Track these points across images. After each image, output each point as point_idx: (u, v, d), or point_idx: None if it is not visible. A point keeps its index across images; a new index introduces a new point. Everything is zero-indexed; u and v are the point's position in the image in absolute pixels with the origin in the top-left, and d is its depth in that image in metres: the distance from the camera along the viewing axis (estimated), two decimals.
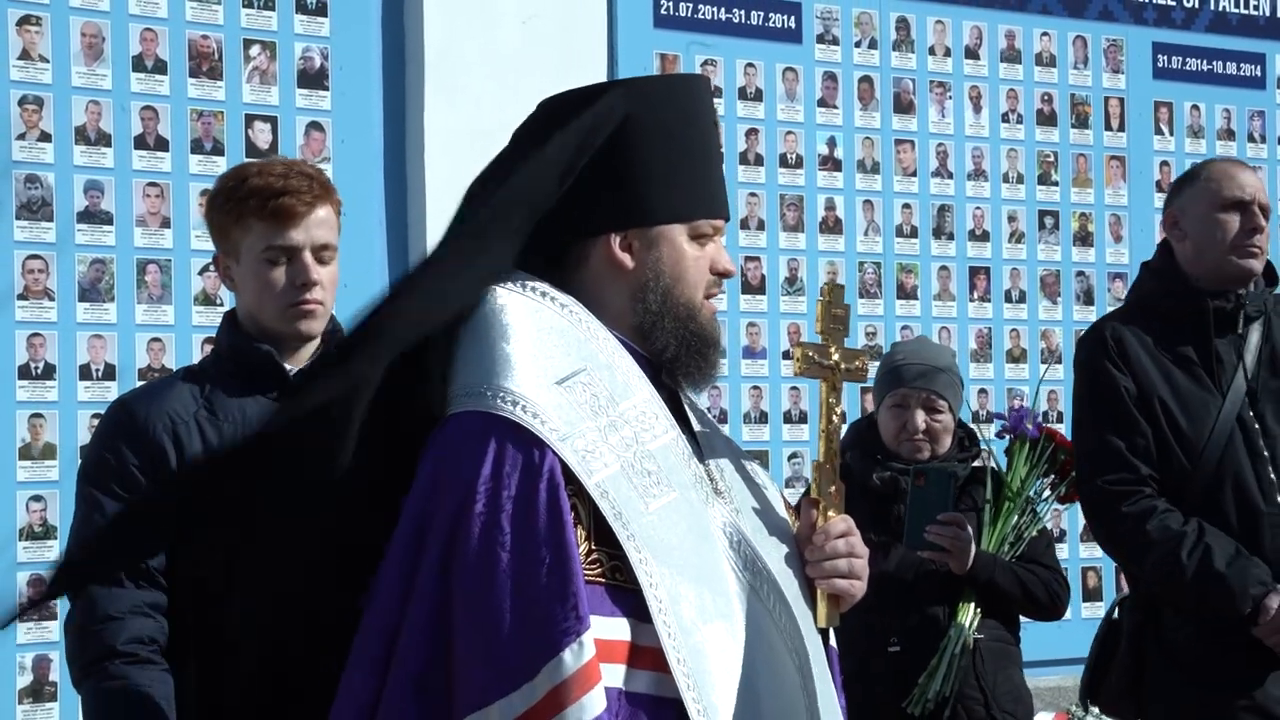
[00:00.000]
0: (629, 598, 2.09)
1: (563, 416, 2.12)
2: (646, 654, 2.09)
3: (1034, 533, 4.12)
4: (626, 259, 2.24)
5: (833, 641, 2.35)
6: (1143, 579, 3.72)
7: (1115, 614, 3.86)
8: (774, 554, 2.25)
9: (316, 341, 2.83)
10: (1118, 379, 3.66)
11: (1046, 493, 4.17)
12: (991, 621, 4.05)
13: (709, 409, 5.74)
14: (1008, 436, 4.21)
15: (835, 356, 2.39)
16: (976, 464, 4.19)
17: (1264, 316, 3.76)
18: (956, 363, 4.36)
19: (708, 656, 2.09)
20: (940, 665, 3.93)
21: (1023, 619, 4.20)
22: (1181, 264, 3.75)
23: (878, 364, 4.39)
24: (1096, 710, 5.79)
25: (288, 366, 2.79)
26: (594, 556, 2.10)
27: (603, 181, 2.23)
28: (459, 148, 5.28)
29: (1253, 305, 3.73)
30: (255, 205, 2.76)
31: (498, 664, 2.03)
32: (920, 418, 4.10)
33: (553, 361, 2.17)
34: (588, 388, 2.16)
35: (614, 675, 2.07)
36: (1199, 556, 3.54)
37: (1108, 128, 6.56)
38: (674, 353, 2.24)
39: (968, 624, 3.98)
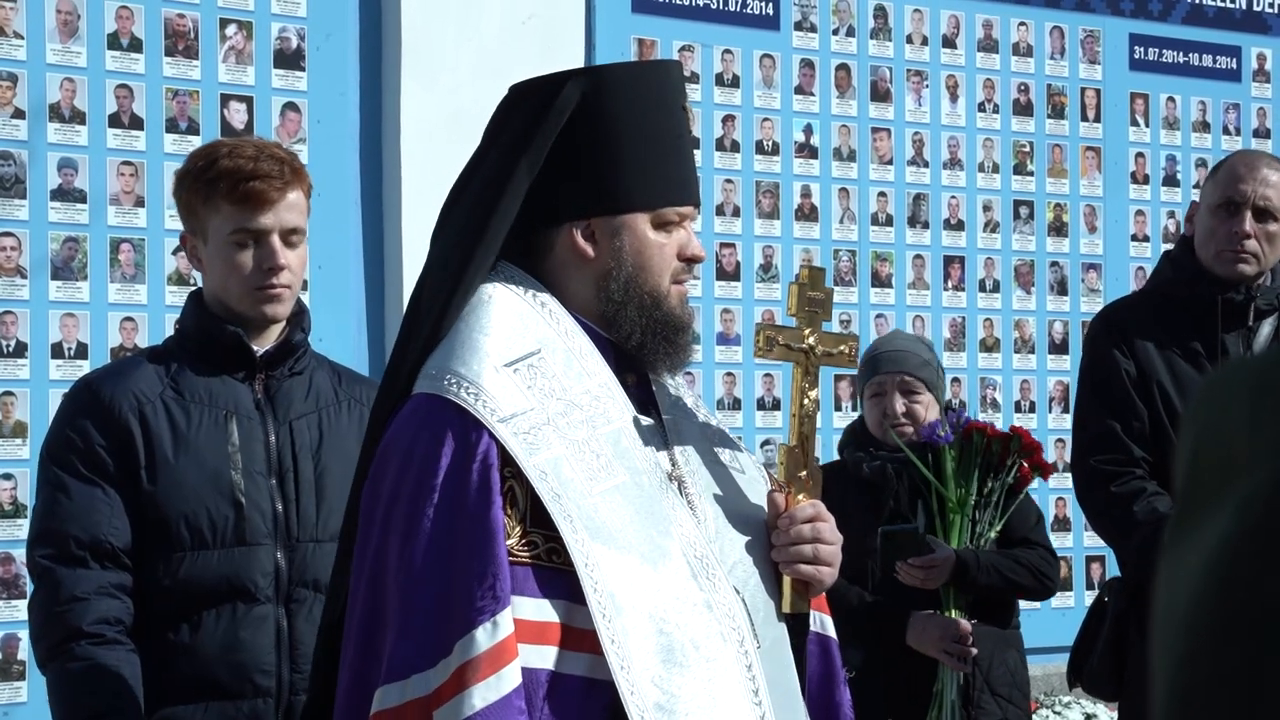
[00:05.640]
0: (566, 580, 2.10)
1: (508, 399, 2.14)
2: (582, 636, 2.10)
3: (993, 534, 4.09)
4: (588, 248, 2.25)
5: (830, 631, 2.35)
6: (1127, 559, 3.75)
7: (1105, 597, 3.88)
8: (735, 540, 2.25)
9: (283, 323, 2.83)
10: (1119, 362, 3.69)
11: (995, 494, 4.10)
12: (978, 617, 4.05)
13: None
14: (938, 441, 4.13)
15: (810, 340, 2.38)
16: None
17: (1277, 311, 3.77)
18: (932, 349, 4.37)
19: (643, 639, 2.10)
20: (940, 713, 3.93)
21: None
22: (1198, 254, 3.78)
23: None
24: (1065, 700, 5.83)
25: (255, 348, 2.80)
26: (529, 539, 2.11)
27: (564, 171, 2.24)
28: (434, 129, 5.27)
29: (1264, 299, 3.74)
30: (225, 188, 2.75)
31: (416, 639, 2.07)
32: (899, 402, 4.12)
33: (509, 344, 2.19)
34: (539, 371, 2.18)
35: (544, 657, 2.09)
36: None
37: (1084, 118, 6.57)
38: (639, 339, 2.25)
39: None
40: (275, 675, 2.70)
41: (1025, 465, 4.06)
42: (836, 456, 4.40)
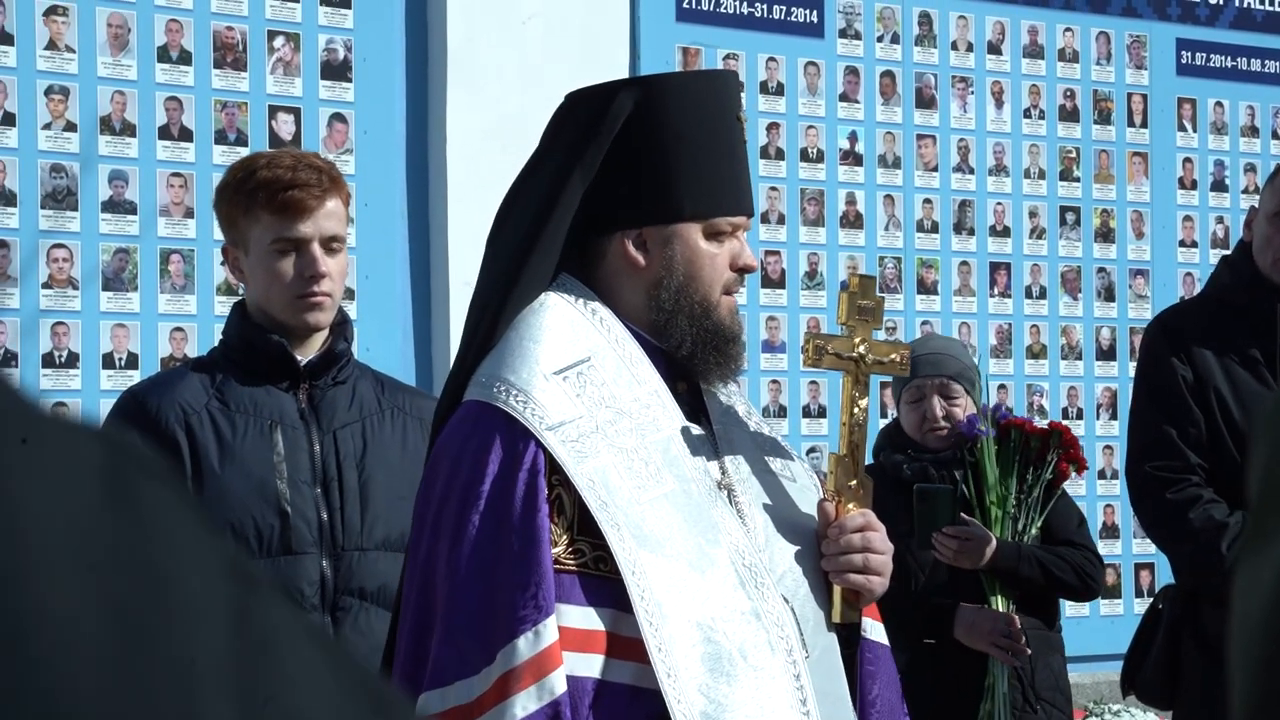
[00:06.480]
0: (613, 588, 2.11)
1: (556, 406, 2.15)
2: (629, 644, 2.10)
3: (1035, 530, 4.08)
4: (640, 257, 2.26)
5: (881, 638, 2.35)
6: (1182, 566, 3.73)
7: (1159, 605, 3.86)
8: (785, 549, 2.25)
9: (325, 332, 2.84)
10: (1176, 367, 3.67)
11: (1035, 489, 4.09)
12: (1023, 612, 4.04)
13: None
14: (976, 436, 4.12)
15: (861, 349, 2.38)
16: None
17: None
18: (969, 352, 4.36)
19: (690, 647, 2.10)
20: (994, 713, 3.91)
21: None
22: (1255, 261, 3.76)
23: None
24: (1116, 708, 5.80)
25: (298, 357, 2.82)
26: (575, 547, 2.12)
27: (617, 179, 2.25)
28: (480, 139, 5.29)
29: None
30: (264, 198, 2.77)
31: (459, 646, 2.09)
32: (938, 405, 4.12)
33: (559, 352, 2.20)
34: (589, 379, 2.20)
35: (590, 665, 2.09)
36: (1240, 548, 3.52)
37: (1130, 124, 6.54)
38: (690, 349, 2.26)
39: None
40: None
41: (1064, 462, 4.05)
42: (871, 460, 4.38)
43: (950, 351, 4.23)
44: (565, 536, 2.12)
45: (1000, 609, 3.97)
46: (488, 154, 5.18)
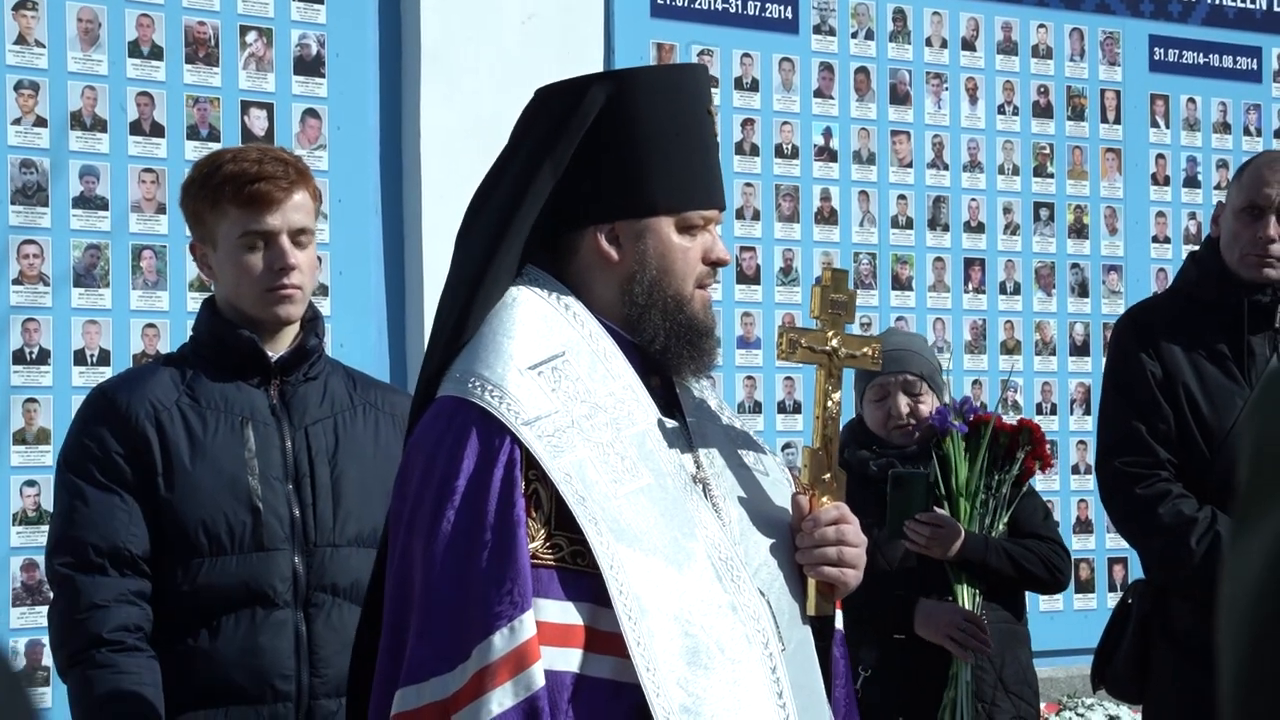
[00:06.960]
0: (591, 582, 2.11)
1: (532, 401, 2.15)
2: (608, 639, 2.10)
3: (1002, 525, 4.10)
4: (612, 251, 2.26)
5: (839, 626, 2.36)
6: (1151, 562, 3.75)
7: (1129, 599, 3.87)
8: (759, 542, 2.26)
9: (296, 326, 2.83)
10: (1145, 363, 3.69)
11: (1004, 486, 4.10)
12: (993, 604, 4.06)
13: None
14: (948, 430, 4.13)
15: (833, 342, 2.38)
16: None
17: None
18: (931, 346, 4.35)
19: (668, 640, 2.10)
20: (957, 700, 3.92)
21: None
22: (1222, 256, 3.77)
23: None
24: (1089, 702, 5.82)
25: (269, 353, 2.80)
26: (553, 541, 2.12)
27: (589, 173, 2.25)
28: (454, 134, 5.28)
29: None
30: (231, 192, 2.76)
31: (435, 642, 2.08)
32: (903, 402, 4.12)
33: (533, 347, 2.20)
34: (563, 373, 2.20)
35: (569, 660, 2.09)
36: (1209, 543, 3.56)
37: (1104, 120, 6.56)
38: (663, 343, 2.26)
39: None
40: (295, 680, 2.71)
41: (1031, 459, 4.07)
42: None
43: (913, 347, 4.23)
44: (543, 531, 2.12)
45: (966, 600, 3.98)
46: (462, 149, 5.17)
